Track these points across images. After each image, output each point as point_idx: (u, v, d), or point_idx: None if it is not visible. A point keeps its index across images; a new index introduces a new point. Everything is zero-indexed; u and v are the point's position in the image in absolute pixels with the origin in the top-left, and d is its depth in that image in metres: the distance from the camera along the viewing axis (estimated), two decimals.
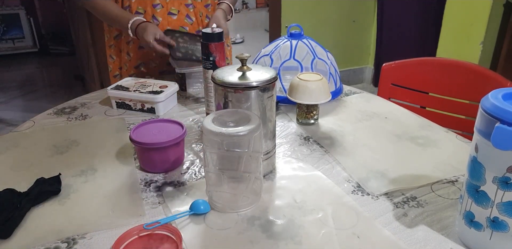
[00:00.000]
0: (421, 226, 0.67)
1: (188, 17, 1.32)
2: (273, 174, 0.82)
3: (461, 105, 1.27)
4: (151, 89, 1.09)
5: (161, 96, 1.07)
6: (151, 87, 1.11)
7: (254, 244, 0.64)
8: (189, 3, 1.31)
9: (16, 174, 0.83)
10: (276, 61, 1.15)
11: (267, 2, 4.54)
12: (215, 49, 0.93)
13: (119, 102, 1.11)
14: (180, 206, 0.73)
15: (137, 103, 1.09)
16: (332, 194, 0.76)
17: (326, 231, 0.66)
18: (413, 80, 1.36)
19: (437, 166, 0.84)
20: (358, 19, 3.15)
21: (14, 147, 0.93)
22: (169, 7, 1.28)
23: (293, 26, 1.16)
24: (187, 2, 1.30)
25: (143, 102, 1.08)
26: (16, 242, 0.65)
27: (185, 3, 1.30)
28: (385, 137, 0.96)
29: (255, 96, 0.73)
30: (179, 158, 0.86)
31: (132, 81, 1.16)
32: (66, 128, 1.02)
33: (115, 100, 1.12)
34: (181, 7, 1.30)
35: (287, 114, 1.08)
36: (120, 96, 1.10)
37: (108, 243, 0.64)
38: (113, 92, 1.10)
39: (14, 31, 4.02)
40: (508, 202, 0.55)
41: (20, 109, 3.09)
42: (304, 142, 0.95)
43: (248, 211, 0.71)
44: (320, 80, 0.98)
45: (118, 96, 1.10)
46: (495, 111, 0.52)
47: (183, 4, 1.30)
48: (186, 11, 1.31)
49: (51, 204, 0.74)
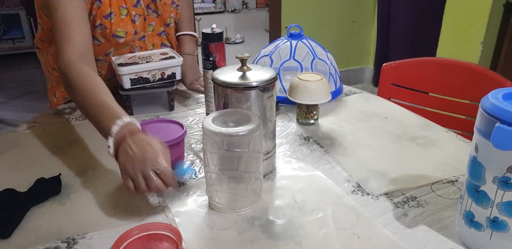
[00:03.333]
0: (421, 226, 0.67)
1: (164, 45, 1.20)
2: (273, 174, 0.82)
3: (461, 105, 1.27)
4: (160, 57, 1.07)
5: (180, 60, 1.06)
6: (155, 56, 1.07)
7: (254, 244, 0.64)
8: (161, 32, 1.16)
9: (16, 174, 0.83)
10: (276, 62, 1.15)
11: (267, 2, 4.55)
12: (215, 49, 0.93)
13: (134, 78, 1.04)
14: (180, 206, 0.73)
15: (156, 74, 1.03)
16: (332, 194, 0.76)
17: (326, 231, 0.66)
18: (413, 80, 1.36)
19: (437, 166, 0.84)
20: (358, 19, 3.15)
21: (14, 147, 0.93)
22: None
23: (293, 26, 1.16)
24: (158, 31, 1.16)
25: (163, 71, 1.03)
26: (16, 242, 0.65)
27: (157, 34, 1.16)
28: (385, 137, 0.96)
29: (255, 96, 0.73)
30: (179, 158, 0.85)
31: (124, 58, 1.08)
32: (66, 128, 1.02)
33: (130, 78, 1.03)
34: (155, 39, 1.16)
35: (287, 114, 1.08)
36: (138, 71, 1.02)
37: (108, 243, 0.64)
38: (129, 69, 1.01)
39: (14, 31, 4.02)
40: (508, 202, 0.55)
41: (20, 109, 3.09)
42: (304, 142, 0.95)
43: (248, 211, 0.71)
44: (320, 80, 0.98)
45: (135, 72, 1.02)
46: (495, 111, 0.52)
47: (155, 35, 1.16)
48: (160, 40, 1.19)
49: (51, 204, 0.74)
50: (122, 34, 1.04)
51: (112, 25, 1.02)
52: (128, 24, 1.05)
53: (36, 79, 3.59)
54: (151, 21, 1.12)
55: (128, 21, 1.05)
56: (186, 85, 1.21)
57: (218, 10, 4.83)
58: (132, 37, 1.07)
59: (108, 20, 1.01)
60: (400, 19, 2.85)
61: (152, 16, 1.12)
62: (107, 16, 1.01)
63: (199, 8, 4.61)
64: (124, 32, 1.04)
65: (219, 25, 0.98)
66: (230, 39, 4.41)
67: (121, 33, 1.04)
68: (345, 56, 3.23)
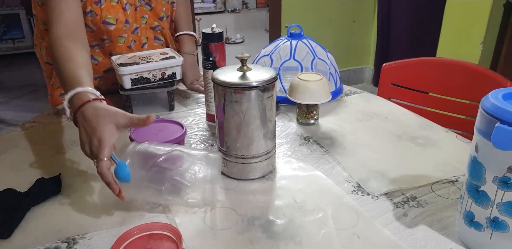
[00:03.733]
0: (421, 226, 0.67)
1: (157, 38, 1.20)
2: (273, 174, 0.82)
3: (461, 105, 1.27)
4: (160, 57, 1.06)
5: (180, 59, 1.06)
6: (156, 56, 1.07)
7: (254, 244, 0.64)
8: (155, 27, 1.17)
9: (16, 174, 0.83)
10: (276, 62, 1.15)
11: (267, 2, 4.55)
12: (215, 49, 0.93)
13: (135, 79, 1.03)
14: (180, 206, 0.73)
15: (157, 74, 1.03)
16: (332, 194, 0.76)
17: (326, 231, 0.66)
18: (413, 80, 1.36)
19: (437, 166, 0.84)
20: (358, 19, 3.15)
21: (14, 147, 0.93)
22: None
23: (293, 26, 1.16)
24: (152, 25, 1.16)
25: (164, 70, 1.02)
26: (16, 242, 0.65)
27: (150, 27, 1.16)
28: (385, 137, 0.96)
29: (255, 96, 0.73)
30: None
31: (124, 58, 1.07)
32: (66, 128, 1.02)
33: (131, 78, 1.03)
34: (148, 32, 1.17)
35: (287, 114, 1.08)
36: (139, 71, 1.01)
37: (108, 243, 0.64)
38: (129, 69, 1.00)
39: (14, 31, 4.02)
40: (508, 202, 0.55)
41: (20, 109, 3.09)
42: (304, 142, 0.94)
43: (248, 211, 0.71)
44: (320, 80, 0.98)
45: (136, 72, 1.01)
46: (495, 111, 0.52)
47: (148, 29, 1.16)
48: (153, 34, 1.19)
49: (51, 204, 0.74)
50: (112, 21, 1.05)
51: (102, 11, 1.03)
52: (119, 11, 1.06)
53: (36, 79, 3.59)
54: (144, 13, 1.12)
55: (119, 9, 1.06)
56: (186, 85, 1.21)
57: (218, 10, 4.83)
58: (123, 25, 1.07)
59: (98, 7, 1.02)
60: (400, 19, 2.85)
61: (145, 8, 1.12)
62: (97, 2, 1.02)
63: (199, 8, 4.61)
64: (115, 19, 1.05)
65: (219, 25, 0.98)
66: (230, 39, 4.41)
67: (111, 20, 1.05)
68: (345, 56, 3.23)
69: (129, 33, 1.11)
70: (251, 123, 0.75)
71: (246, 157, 0.78)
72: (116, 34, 1.08)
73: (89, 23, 1.04)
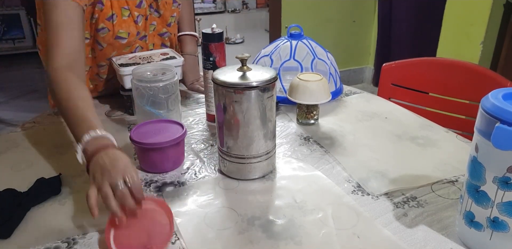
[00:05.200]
0: (421, 226, 0.67)
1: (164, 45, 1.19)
2: (273, 174, 0.82)
3: (461, 105, 1.27)
4: (161, 58, 1.06)
5: (181, 60, 1.05)
6: (156, 57, 1.07)
7: (254, 244, 0.64)
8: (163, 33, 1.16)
9: (16, 174, 0.83)
10: (276, 62, 1.15)
11: (267, 2, 4.55)
12: (215, 49, 0.93)
13: None
14: (180, 206, 0.73)
15: (158, 74, 1.00)
16: (332, 194, 0.76)
17: (326, 231, 0.66)
18: (413, 80, 1.36)
19: (437, 166, 0.84)
20: (358, 19, 3.15)
21: (14, 147, 0.93)
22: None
23: (293, 26, 1.16)
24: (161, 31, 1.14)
25: (165, 71, 1.00)
26: (16, 242, 0.65)
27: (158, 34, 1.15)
28: (385, 137, 0.96)
29: (255, 96, 0.73)
30: (179, 158, 0.86)
31: (125, 58, 1.06)
32: (66, 128, 1.01)
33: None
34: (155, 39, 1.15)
35: (287, 114, 1.08)
36: (141, 72, 0.98)
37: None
38: (130, 69, 0.98)
39: (14, 32, 4.02)
40: (508, 202, 0.55)
41: (20, 109, 3.09)
42: (304, 142, 0.94)
43: (248, 211, 0.71)
44: (320, 81, 0.98)
45: (137, 73, 0.98)
46: (495, 111, 0.52)
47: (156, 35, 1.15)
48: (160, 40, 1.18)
49: (51, 204, 0.74)
50: (124, 36, 1.04)
51: (114, 26, 1.02)
52: (131, 25, 1.05)
53: (36, 79, 3.59)
54: (152, 20, 1.12)
55: (131, 22, 1.04)
56: (186, 85, 1.21)
57: (218, 10, 4.83)
58: (134, 38, 1.07)
59: (110, 22, 1.01)
60: (400, 19, 2.85)
61: (154, 15, 1.11)
62: (109, 18, 1.01)
63: (199, 8, 4.61)
64: (127, 33, 1.04)
65: (219, 25, 0.98)
66: (230, 39, 4.41)
67: (123, 34, 1.04)
68: (345, 56, 3.23)
69: (137, 40, 1.10)
70: (251, 123, 0.75)
71: (246, 157, 0.78)
72: (125, 46, 1.08)
73: (100, 41, 1.03)
